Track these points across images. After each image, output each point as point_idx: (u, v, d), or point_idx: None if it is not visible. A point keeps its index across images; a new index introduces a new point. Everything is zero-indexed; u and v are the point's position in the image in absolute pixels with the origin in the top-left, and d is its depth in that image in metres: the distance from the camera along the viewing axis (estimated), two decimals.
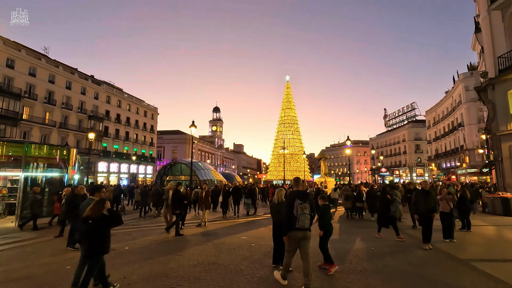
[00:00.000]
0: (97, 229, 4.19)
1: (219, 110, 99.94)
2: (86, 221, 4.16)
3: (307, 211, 4.71)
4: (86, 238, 4.24)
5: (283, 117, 62.92)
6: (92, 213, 4.18)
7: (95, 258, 4.24)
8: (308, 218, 4.72)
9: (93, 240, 4.19)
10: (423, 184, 8.05)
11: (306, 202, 4.74)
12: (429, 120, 58.29)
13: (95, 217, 4.17)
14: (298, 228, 4.64)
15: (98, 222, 4.18)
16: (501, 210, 13.74)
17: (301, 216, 4.66)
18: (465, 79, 41.58)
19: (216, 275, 5.35)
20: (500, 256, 6.91)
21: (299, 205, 4.70)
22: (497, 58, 16.31)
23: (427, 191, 7.60)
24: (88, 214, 4.18)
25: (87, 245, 4.23)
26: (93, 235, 4.18)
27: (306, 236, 4.70)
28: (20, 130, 32.61)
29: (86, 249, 4.28)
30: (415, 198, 7.66)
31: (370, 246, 7.62)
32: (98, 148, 43.33)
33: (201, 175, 32.02)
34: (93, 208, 4.21)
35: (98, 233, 4.20)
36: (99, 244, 4.23)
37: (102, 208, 4.25)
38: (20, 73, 33.29)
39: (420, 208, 7.44)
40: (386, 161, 74.37)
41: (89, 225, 4.15)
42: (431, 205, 7.37)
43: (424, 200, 7.40)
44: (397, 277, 5.28)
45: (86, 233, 4.22)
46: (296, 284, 4.91)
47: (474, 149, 38.61)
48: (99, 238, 4.21)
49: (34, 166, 11.98)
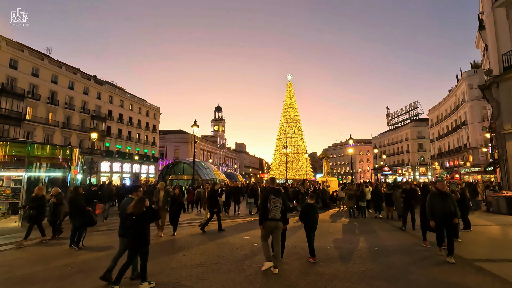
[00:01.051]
0: (140, 224, 4.70)
1: (221, 110, 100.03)
2: (130, 217, 4.69)
3: (278, 204, 5.55)
4: (131, 232, 4.72)
5: (285, 116, 62.81)
6: (135, 210, 4.69)
7: (142, 248, 4.76)
8: (279, 211, 5.55)
9: (137, 233, 4.71)
10: (440, 185, 6.85)
11: (278, 197, 5.59)
12: (432, 118, 57.95)
13: (138, 213, 4.68)
14: (270, 219, 5.52)
15: (141, 218, 4.70)
16: (505, 209, 13.62)
17: (273, 208, 5.53)
18: (469, 77, 41.27)
19: (218, 275, 5.32)
20: (506, 256, 6.83)
21: (272, 199, 5.57)
22: (501, 56, 16.14)
23: (445, 193, 6.57)
24: (131, 211, 4.69)
25: (133, 238, 4.71)
26: (137, 229, 4.70)
27: (278, 226, 5.58)
28: (23, 130, 32.81)
29: (132, 242, 4.73)
30: (431, 202, 6.56)
31: (373, 246, 7.56)
32: (101, 148, 43.50)
33: (203, 175, 32.04)
34: (135, 206, 4.72)
35: (142, 227, 4.74)
36: (143, 237, 4.75)
37: (143, 206, 4.77)
38: (23, 73, 33.47)
39: (437, 213, 6.36)
40: (388, 160, 74.12)
41: (133, 221, 4.67)
42: (450, 209, 6.30)
43: (442, 204, 6.34)
44: (401, 278, 5.23)
45: (131, 228, 4.72)
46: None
47: (478, 147, 38.34)
48: (143, 231, 4.75)
49: (37, 166, 12.03)
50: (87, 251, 7.16)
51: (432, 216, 6.44)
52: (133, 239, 4.73)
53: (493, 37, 16.98)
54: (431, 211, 6.51)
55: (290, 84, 64.17)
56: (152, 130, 57.25)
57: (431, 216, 6.47)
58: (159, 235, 8.77)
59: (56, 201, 8.46)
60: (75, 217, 7.53)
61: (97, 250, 7.29)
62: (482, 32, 21.19)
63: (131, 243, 4.78)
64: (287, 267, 5.81)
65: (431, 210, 6.51)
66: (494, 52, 16.91)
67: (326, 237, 8.90)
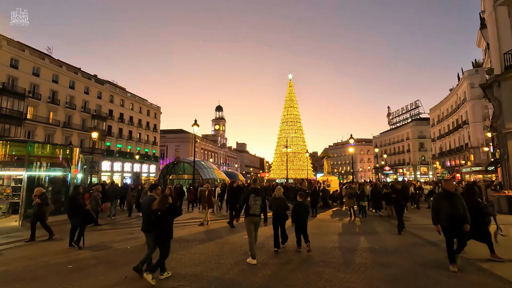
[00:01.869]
0: (164, 219, 5.06)
1: (222, 109, 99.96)
2: (156, 213, 5.03)
3: (258, 202, 6.33)
4: (157, 227, 5.05)
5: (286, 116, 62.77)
6: (160, 206, 5.03)
7: (166, 242, 5.10)
8: (258, 207, 6.33)
9: (163, 228, 5.05)
10: (447, 184, 5.98)
11: (258, 196, 6.39)
12: (433, 118, 57.76)
13: (163, 209, 5.02)
14: (251, 214, 6.29)
15: (165, 214, 5.07)
16: (506, 209, 13.57)
17: (253, 205, 6.30)
18: (470, 76, 41.10)
19: (217, 275, 5.31)
20: (507, 256, 6.79)
21: (252, 197, 6.33)
22: (503, 55, 16.04)
23: (452, 193, 5.76)
24: (157, 208, 5.03)
25: (159, 232, 5.05)
26: (162, 224, 5.04)
27: (257, 220, 6.41)
28: (24, 129, 32.84)
29: (158, 236, 5.07)
30: (436, 204, 5.86)
31: (373, 246, 7.54)
32: (102, 147, 43.53)
33: (204, 174, 32.04)
34: (160, 202, 5.06)
35: (166, 223, 5.09)
36: (168, 231, 5.10)
37: (167, 202, 5.11)
38: (24, 73, 33.49)
39: (443, 216, 5.60)
40: (389, 160, 73.96)
41: (159, 217, 5.02)
42: (459, 212, 5.50)
43: (449, 206, 5.55)
44: (401, 277, 5.20)
45: (157, 223, 5.05)
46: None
47: (479, 147, 38.19)
48: (167, 226, 5.09)
49: (37, 165, 12.04)
50: (87, 250, 7.15)
51: (438, 220, 5.71)
52: (158, 233, 5.07)
53: (494, 36, 16.89)
54: (436, 215, 5.75)
55: (291, 83, 64.12)
56: (153, 130, 57.26)
57: (436, 221, 5.74)
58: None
59: (41, 202, 8.30)
60: (75, 216, 7.50)
61: (96, 250, 7.27)
62: (483, 30, 21.08)
63: (156, 237, 5.10)
64: (287, 267, 5.80)
65: (436, 213, 5.75)
66: (495, 50, 16.82)
67: (326, 236, 8.88)
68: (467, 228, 5.50)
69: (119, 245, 7.70)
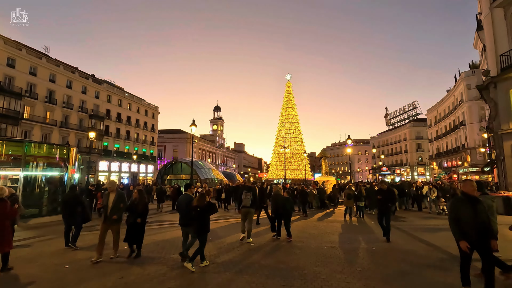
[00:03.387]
0: (203, 214, 5.71)
1: (220, 109, 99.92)
2: (196, 209, 5.67)
3: (249, 196, 8.13)
4: (197, 222, 5.68)
5: (284, 116, 62.74)
6: (199, 203, 5.71)
7: (204, 235, 5.72)
8: (249, 201, 8.08)
9: (202, 222, 5.67)
10: (466, 186, 4.54)
11: (249, 192, 8.18)
12: (430, 119, 58.07)
13: (202, 206, 5.66)
14: (243, 206, 8.14)
15: (204, 210, 5.70)
16: (502, 209, 13.64)
17: (245, 199, 8.15)
18: (467, 78, 41.35)
19: (214, 275, 5.31)
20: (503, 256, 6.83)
21: (244, 192, 8.25)
22: (499, 56, 16.17)
23: (474, 198, 4.41)
24: (197, 204, 5.70)
25: (199, 226, 5.67)
26: (201, 219, 5.67)
27: (249, 211, 8.15)
28: (21, 129, 32.65)
29: (198, 229, 5.68)
30: (455, 212, 4.38)
31: (370, 246, 7.56)
32: (99, 147, 43.37)
33: (201, 174, 32.00)
34: (199, 200, 5.76)
35: (205, 217, 5.71)
36: (206, 225, 5.74)
37: (205, 199, 5.80)
38: (21, 72, 33.30)
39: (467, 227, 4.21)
40: (387, 160, 74.21)
41: (198, 212, 5.65)
42: (484, 221, 4.21)
43: (471, 215, 4.22)
44: (398, 277, 5.23)
45: (197, 218, 5.67)
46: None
47: (476, 148, 38.43)
48: (205, 221, 5.72)
49: (34, 165, 11.97)
50: (84, 251, 7.11)
51: (463, 236, 4.22)
52: (198, 226, 5.67)
53: (491, 37, 17.01)
54: (458, 226, 4.27)
55: (289, 84, 64.12)
56: (151, 130, 57.11)
57: (460, 235, 4.25)
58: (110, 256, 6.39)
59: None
60: (74, 216, 7.41)
61: (93, 250, 7.22)
62: (480, 32, 21.23)
63: (197, 230, 5.69)
64: (283, 266, 5.81)
65: (457, 224, 4.28)
66: (492, 52, 16.94)
67: (323, 236, 8.90)
68: (494, 246, 4.30)
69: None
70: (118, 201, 6.39)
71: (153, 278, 5.14)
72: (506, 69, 15.66)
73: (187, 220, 5.94)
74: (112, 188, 6.62)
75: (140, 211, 6.53)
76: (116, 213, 6.33)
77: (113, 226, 6.38)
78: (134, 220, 6.45)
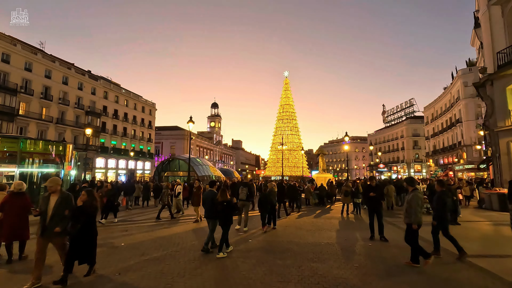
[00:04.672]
0: (228, 208, 6.54)
1: (218, 106, 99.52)
2: (222, 203, 6.51)
3: (245, 191, 9.51)
4: (222, 214, 6.50)
5: (282, 113, 62.69)
6: (224, 198, 6.56)
7: (228, 226, 6.54)
8: (245, 195, 9.47)
9: (227, 215, 6.53)
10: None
11: (245, 187, 9.60)
12: (427, 116, 58.30)
13: (226, 200, 6.56)
14: (240, 199, 9.47)
15: (228, 203, 6.59)
16: (498, 206, 13.78)
17: (241, 193, 9.56)
18: (464, 75, 41.51)
19: (212, 271, 5.32)
20: (497, 252, 6.92)
21: (240, 188, 9.76)
22: (496, 54, 16.21)
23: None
24: (222, 199, 6.54)
25: (224, 218, 6.49)
26: (226, 212, 6.50)
27: (244, 204, 9.49)
28: (16, 125, 32.35)
29: (222, 221, 6.50)
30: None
31: (367, 242, 7.61)
32: (96, 144, 43.11)
33: (199, 171, 31.98)
34: (222, 195, 6.60)
35: (228, 211, 6.56)
36: (230, 217, 6.61)
37: (227, 194, 6.71)
38: (16, 68, 32.91)
39: None
40: (384, 157, 74.54)
41: (224, 206, 6.50)
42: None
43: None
44: (394, 273, 5.26)
45: (222, 211, 6.49)
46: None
47: (472, 145, 38.71)
48: (230, 213, 6.59)
49: (30, 161, 11.88)
50: None
51: None
52: (223, 218, 6.48)
53: (488, 35, 17.05)
54: None
55: (287, 80, 64.01)
56: (148, 126, 56.84)
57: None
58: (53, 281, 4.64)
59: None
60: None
61: None
62: (477, 30, 21.28)
63: (222, 221, 6.48)
64: (280, 263, 5.82)
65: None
66: (489, 50, 16.98)
67: (321, 233, 8.94)
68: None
69: (113, 242, 7.65)
70: (61, 207, 4.79)
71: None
72: (502, 67, 15.71)
73: (212, 213, 6.70)
74: (53, 188, 4.90)
75: (86, 218, 4.90)
76: (59, 223, 4.72)
77: (55, 240, 4.82)
78: (81, 230, 4.81)
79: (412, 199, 5.70)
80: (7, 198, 5.85)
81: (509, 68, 15.30)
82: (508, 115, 15.67)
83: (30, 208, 5.85)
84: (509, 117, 15.64)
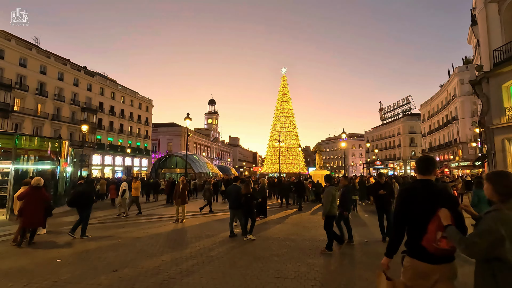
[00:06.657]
0: (250, 199, 7.83)
1: (215, 103, 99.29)
2: (246, 195, 7.73)
3: None
4: (246, 205, 7.73)
5: (279, 110, 62.75)
6: (247, 191, 7.81)
7: (253, 212, 7.92)
8: None
9: (249, 205, 7.77)
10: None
11: (242, 183, 8.95)
12: (424, 113, 58.60)
13: (249, 192, 7.82)
14: None
15: (250, 195, 7.86)
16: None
17: None
18: (460, 73, 41.69)
19: (209, 268, 5.32)
20: None
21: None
22: (492, 52, 16.27)
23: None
24: (245, 192, 7.79)
25: (247, 208, 7.75)
26: (248, 203, 7.76)
27: None
28: (11, 122, 32.04)
29: (246, 211, 7.72)
30: None
31: (363, 238, 7.66)
32: (92, 140, 42.84)
33: (196, 168, 31.95)
34: (246, 188, 7.85)
35: (251, 202, 7.89)
36: (252, 207, 7.99)
37: (250, 187, 8.01)
38: (10, 63, 32.50)
39: None
40: (380, 154, 74.93)
41: (247, 197, 7.72)
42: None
43: None
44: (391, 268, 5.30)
45: (245, 202, 7.71)
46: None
47: (468, 142, 38.99)
48: (252, 204, 7.93)
49: (25, 158, 11.78)
50: (79, 245, 7.07)
51: None
52: (247, 209, 7.73)
53: (484, 33, 17.10)
54: None
55: (284, 77, 63.99)
56: (145, 123, 56.57)
57: None
58: None
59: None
60: (87, 208, 7.91)
61: (87, 241, 7.20)
62: (474, 27, 21.31)
63: (246, 211, 7.71)
64: (277, 259, 5.85)
65: None
66: (485, 47, 17.04)
67: (318, 229, 8.98)
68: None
69: (110, 239, 7.64)
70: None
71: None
72: (499, 64, 15.78)
73: (237, 204, 7.80)
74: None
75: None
76: None
77: None
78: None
79: (325, 194, 6.84)
80: (28, 191, 7.00)
81: (505, 66, 15.37)
82: (504, 112, 15.78)
83: (46, 200, 7.18)
84: (505, 114, 15.75)
